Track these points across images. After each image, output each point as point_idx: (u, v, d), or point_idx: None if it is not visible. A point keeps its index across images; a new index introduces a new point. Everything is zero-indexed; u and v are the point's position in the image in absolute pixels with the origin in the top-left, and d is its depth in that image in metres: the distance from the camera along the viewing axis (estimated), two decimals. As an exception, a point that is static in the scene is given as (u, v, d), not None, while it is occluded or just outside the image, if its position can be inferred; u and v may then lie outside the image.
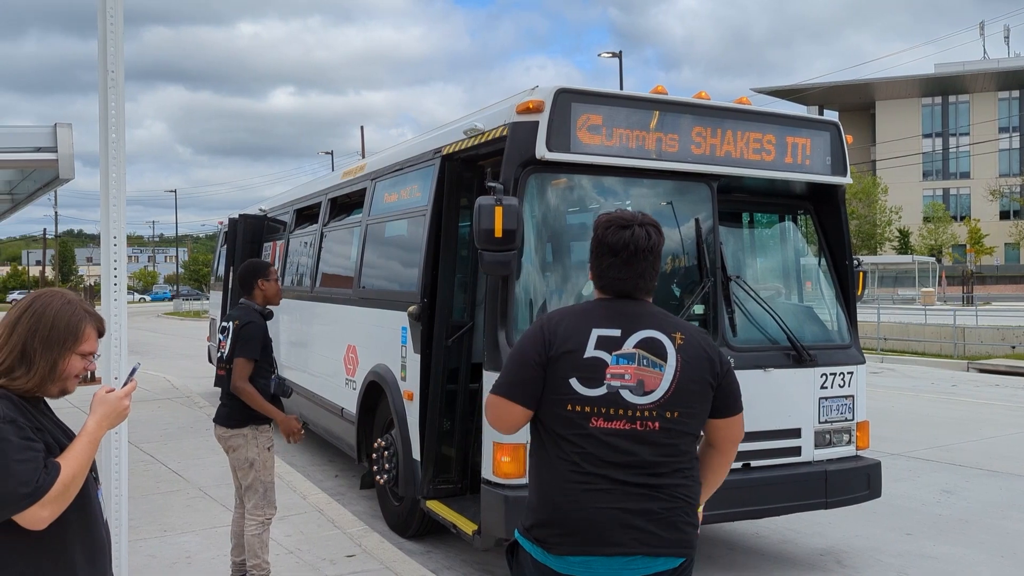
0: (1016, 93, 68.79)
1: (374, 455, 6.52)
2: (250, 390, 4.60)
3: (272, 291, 4.91)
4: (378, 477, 6.43)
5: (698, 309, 5.19)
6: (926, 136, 68.97)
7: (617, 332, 2.39)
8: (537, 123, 4.79)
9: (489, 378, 4.85)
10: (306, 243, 9.13)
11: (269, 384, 4.73)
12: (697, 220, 5.26)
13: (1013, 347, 20.34)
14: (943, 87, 69.11)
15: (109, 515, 3.16)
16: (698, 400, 2.41)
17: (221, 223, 14.23)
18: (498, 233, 4.51)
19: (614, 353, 2.37)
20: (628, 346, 2.38)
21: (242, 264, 5.15)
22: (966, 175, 69.49)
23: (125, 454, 3.23)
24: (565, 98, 4.84)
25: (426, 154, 6.10)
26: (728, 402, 2.49)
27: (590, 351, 2.37)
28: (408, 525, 6.18)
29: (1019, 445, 9.72)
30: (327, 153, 60.52)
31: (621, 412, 2.34)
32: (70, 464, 2.03)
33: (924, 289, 39.66)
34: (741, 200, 5.84)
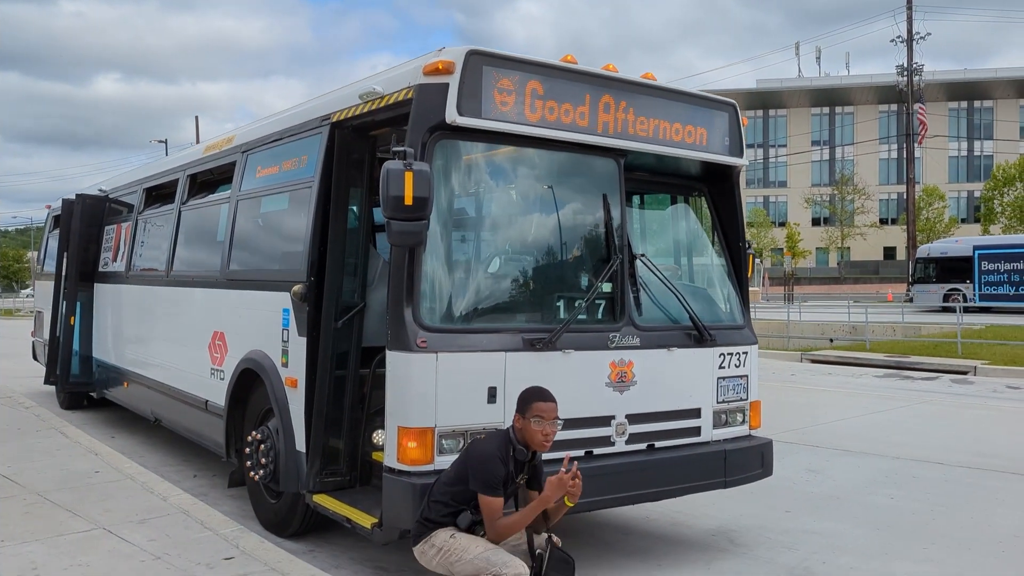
0: (827, 109, 74.60)
1: (247, 450, 5.99)
2: None
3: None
4: (252, 473, 5.90)
5: (606, 287, 5.06)
6: (749, 147, 73.03)
7: None
8: (447, 84, 4.49)
9: (393, 359, 4.49)
10: (160, 224, 8.35)
11: None
12: (605, 196, 5.13)
13: (831, 340, 22.46)
14: (764, 102, 73.86)
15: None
16: None
17: (49, 207, 12.87)
18: (408, 201, 4.18)
19: None
20: None
21: None
22: (784, 184, 74.63)
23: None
24: (476, 60, 4.56)
25: (311, 122, 5.64)
26: None
27: None
28: (287, 523, 5.71)
29: (861, 427, 10.32)
30: (161, 142, 56.96)
31: None
32: None
33: (750, 288, 42.14)
34: (641, 179, 5.76)
